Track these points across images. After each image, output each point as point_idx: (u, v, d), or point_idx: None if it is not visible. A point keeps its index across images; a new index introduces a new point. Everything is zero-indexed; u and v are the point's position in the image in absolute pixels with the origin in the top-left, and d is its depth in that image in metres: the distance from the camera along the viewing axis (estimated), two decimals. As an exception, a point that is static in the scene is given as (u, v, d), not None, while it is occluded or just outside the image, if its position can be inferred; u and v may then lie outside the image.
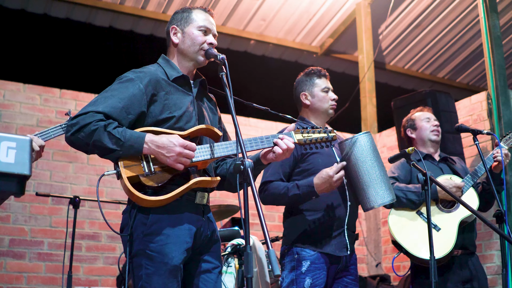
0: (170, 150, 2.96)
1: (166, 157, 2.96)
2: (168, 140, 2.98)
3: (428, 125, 5.06)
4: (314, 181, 3.90)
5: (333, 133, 3.50)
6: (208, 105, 3.47)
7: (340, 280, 4.10)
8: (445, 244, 4.51)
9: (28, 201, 6.60)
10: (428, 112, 5.18)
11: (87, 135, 2.94)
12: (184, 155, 2.97)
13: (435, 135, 5.04)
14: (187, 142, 3.00)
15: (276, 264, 2.39)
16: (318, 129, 3.45)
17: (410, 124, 5.16)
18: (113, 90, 3.12)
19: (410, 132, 5.16)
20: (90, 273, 6.80)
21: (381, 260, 8.14)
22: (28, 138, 1.94)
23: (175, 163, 2.97)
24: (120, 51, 9.45)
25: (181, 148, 2.97)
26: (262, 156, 3.31)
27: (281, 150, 3.21)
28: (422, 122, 5.09)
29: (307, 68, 4.47)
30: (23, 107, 6.87)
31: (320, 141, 3.44)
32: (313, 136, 3.42)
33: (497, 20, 6.98)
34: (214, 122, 3.44)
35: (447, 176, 4.79)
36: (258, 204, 2.54)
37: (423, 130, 5.06)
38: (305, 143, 3.40)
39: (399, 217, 4.70)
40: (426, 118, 5.10)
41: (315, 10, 8.91)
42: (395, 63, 10.28)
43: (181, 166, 2.99)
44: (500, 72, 6.77)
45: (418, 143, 5.10)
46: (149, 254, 3.00)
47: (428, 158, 4.98)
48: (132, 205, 3.10)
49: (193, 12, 3.40)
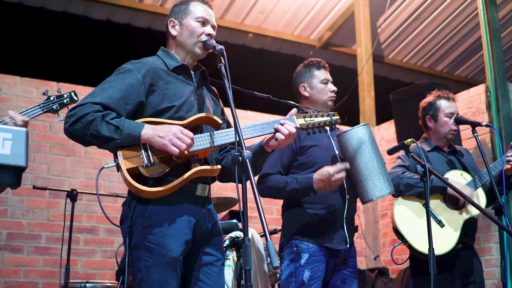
0: (167, 131, 2.94)
1: (161, 137, 2.92)
2: (165, 125, 2.99)
3: (450, 122, 4.83)
4: (314, 176, 3.87)
5: (337, 116, 3.42)
6: (210, 96, 3.44)
7: (339, 272, 4.09)
8: (447, 241, 4.47)
9: (26, 195, 6.59)
10: (454, 104, 4.92)
11: (85, 125, 2.92)
12: (179, 137, 2.92)
13: (452, 134, 4.87)
14: (184, 129, 2.98)
15: (275, 256, 2.37)
16: (321, 113, 3.38)
17: (433, 113, 4.89)
18: (111, 81, 3.11)
19: (429, 120, 4.90)
20: (88, 267, 6.80)
21: (379, 253, 8.15)
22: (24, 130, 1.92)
23: (169, 143, 2.91)
24: (117, 44, 9.43)
25: (178, 130, 2.94)
26: (265, 143, 3.26)
27: (283, 136, 3.16)
28: (445, 117, 4.84)
29: (307, 59, 4.45)
30: (20, 100, 6.85)
31: (323, 124, 3.36)
32: (315, 120, 3.34)
33: (496, 13, 6.97)
34: (217, 113, 3.41)
35: (458, 172, 4.73)
36: (256, 197, 2.52)
37: (444, 126, 4.84)
38: (308, 128, 3.32)
39: (405, 208, 4.62)
40: (450, 113, 4.85)
41: (313, 3, 8.89)
42: (394, 56, 10.27)
43: (175, 150, 2.92)
44: (499, 65, 6.76)
45: (433, 134, 4.91)
46: (148, 246, 2.98)
47: (438, 150, 4.88)
48: (132, 196, 3.08)
49: (191, 4, 3.38)
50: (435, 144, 4.89)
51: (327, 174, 3.81)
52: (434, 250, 3.68)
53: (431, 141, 4.90)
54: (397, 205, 4.65)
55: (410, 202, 4.65)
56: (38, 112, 3.79)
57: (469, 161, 4.93)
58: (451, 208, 4.61)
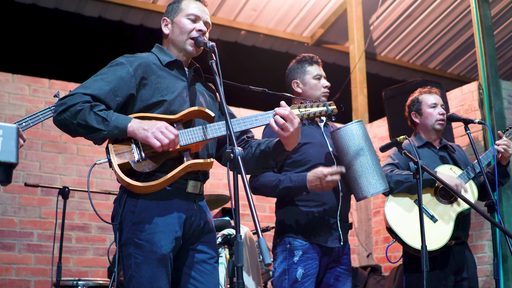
0: (152, 125, 2.93)
1: (145, 130, 2.92)
2: (154, 120, 2.99)
3: (434, 113, 4.87)
4: (308, 176, 3.85)
5: (333, 106, 3.38)
6: (207, 93, 3.43)
7: (333, 270, 4.07)
8: (440, 236, 4.47)
9: (17, 192, 6.57)
10: (437, 96, 4.98)
11: (73, 114, 2.93)
12: (162, 132, 2.91)
13: (440, 124, 4.89)
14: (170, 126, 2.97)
15: (267, 253, 2.36)
16: (316, 103, 3.33)
17: (417, 108, 4.95)
18: (102, 73, 3.12)
19: (414, 116, 4.96)
20: (80, 264, 6.78)
21: (372, 251, 8.16)
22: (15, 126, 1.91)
23: (152, 136, 2.90)
24: (109, 41, 9.40)
25: (162, 125, 2.94)
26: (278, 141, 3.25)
27: (282, 120, 3.13)
28: (428, 108, 4.90)
29: (299, 55, 4.43)
30: (12, 97, 6.83)
31: (319, 115, 3.31)
32: (311, 110, 3.29)
33: (489, 10, 6.99)
34: (214, 109, 3.40)
35: (447, 166, 4.74)
36: (248, 194, 2.50)
37: (429, 117, 4.89)
38: (303, 118, 3.26)
39: (396, 205, 4.62)
40: (433, 103, 4.90)
41: (306, 1, 8.88)
42: (386, 54, 10.28)
43: (157, 143, 2.91)
44: (491, 62, 6.78)
45: (421, 128, 4.95)
46: (138, 242, 2.98)
47: (429, 146, 4.89)
48: (123, 191, 3.08)
49: (183, 2, 3.37)
50: (425, 140, 4.91)
51: (320, 174, 3.78)
52: (426, 248, 3.68)
53: (420, 135, 4.93)
54: (388, 203, 4.66)
55: (401, 199, 4.65)
56: (50, 115, 3.87)
57: (461, 157, 4.95)
58: (443, 202, 4.62)
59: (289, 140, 3.19)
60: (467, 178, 4.62)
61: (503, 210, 6.34)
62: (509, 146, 4.65)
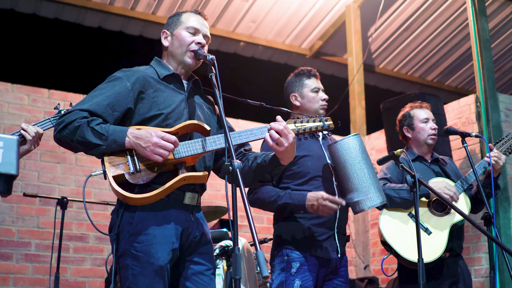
0: (147, 140, 2.94)
1: (143, 148, 2.94)
2: (146, 131, 2.98)
3: (427, 127, 4.91)
4: (308, 196, 3.87)
5: (330, 121, 3.36)
6: (206, 105, 3.44)
7: (330, 282, 4.08)
8: (435, 248, 4.48)
9: (16, 202, 6.56)
10: (428, 111, 5.02)
11: (71, 131, 2.96)
12: (161, 146, 2.93)
13: (432, 139, 4.93)
14: (165, 134, 2.97)
15: (265, 266, 2.36)
16: (312, 118, 3.33)
17: (408, 122, 4.99)
18: (100, 89, 3.14)
19: (406, 130, 5.00)
20: (77, 275, 6.77)
21: (369, 263, 8.15)
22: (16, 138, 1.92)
23: (152, 154, 2.93)
24: (109, 51, 9.42)
25: (158, 138, 2.94)
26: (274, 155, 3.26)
27: (277, 135, 3.13)
28: (420, 123, 4.93)
29: (297, 68, 4.45)
30: (11, 107, 6.84)
31: (315, 130, 3.30)
32: (307, 125, 3.29)
33: (486, 24, 7.02)
34: (211, 122, 3.40)
35: (440, 179, 4.73)
36: (246, 206, 2.52)
37: (421, 132, 4.92)
38: (298, 133, 3.26)
39: (390, 218, 4.65)
40: (425, 118, 4.94)
41: (304, 12, 8.91)
42: (384, 66, 10.30)
43: (159, 158, 2.94)
44: (488, 75, 6.80)
45: (413, 143, 4.98)
46: (135, 254, 2.99)
47: (421, 159, 4.92)
48: (119, 204, 3.09)
49: (183, 15, 3.40)
50: (417, 154, 4.95)
51: (319, 196, 3.81)
52: (423, 260, 3.69)
53: (412, 150, 4.97)
54: (382, 216, 4.68)
55: (395, 212, 4.67)
56: (49, 126, 3.85)
57: (452, 169, 4.97)
58: (436, 214, 4.63)
59: (284, 155, 3.20)
60: (461, 189, 4.65)
61: (500, 222, 6.34)
62: (499, 158, 4.68)
